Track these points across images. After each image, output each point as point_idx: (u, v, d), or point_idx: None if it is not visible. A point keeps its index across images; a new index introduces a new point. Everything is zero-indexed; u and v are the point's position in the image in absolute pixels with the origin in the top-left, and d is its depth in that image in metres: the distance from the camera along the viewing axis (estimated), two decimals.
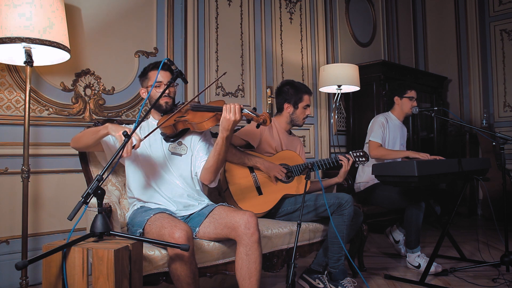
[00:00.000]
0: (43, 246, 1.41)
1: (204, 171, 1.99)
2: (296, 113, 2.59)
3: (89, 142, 1.89)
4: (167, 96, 2.01)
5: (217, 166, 1.96)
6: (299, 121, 2.61)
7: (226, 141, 1.88)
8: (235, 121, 1.83)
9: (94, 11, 2.83)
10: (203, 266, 1.86)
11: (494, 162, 4.56)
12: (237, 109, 1.83)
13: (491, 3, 5.40)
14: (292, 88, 2.59)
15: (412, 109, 3.23)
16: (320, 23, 4.36)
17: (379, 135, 3.12)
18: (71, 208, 1.49)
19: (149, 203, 1.98)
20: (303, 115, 2.60)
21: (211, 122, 1.92)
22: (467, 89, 5.54)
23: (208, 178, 2.00)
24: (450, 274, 2.72)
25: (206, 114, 1.94)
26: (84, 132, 1.95)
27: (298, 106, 2.57)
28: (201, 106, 2.02)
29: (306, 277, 2.46)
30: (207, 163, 1.97)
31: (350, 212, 2.27)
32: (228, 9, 3.63)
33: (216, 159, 1.93)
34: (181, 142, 2.06)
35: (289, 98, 2.58)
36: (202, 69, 3.41)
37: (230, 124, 1.84)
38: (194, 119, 1.94)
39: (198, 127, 1.94)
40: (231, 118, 1.82)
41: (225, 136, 1.87)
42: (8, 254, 2.45)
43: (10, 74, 2.50)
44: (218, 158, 1.92)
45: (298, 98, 2.57)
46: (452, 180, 2.98)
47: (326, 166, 2.47)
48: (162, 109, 2.03)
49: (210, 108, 1.97)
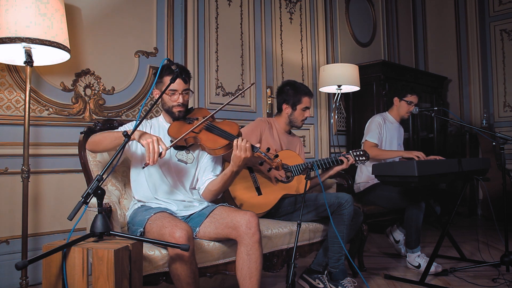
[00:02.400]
0: (43, 246, 1.41)
1: (207, 191, 2.01)
2: (294, 115, 2.57)
3: (110, 147, 1.88)
4: (180, 105, 1.99)
5: (221, 191, 2.01)
6: (297, 122, 2.59)
7: (235, 174, 1.92)
8: (245, 158, 1.84)
9: (94, 11, 2.83)
10: (203, 266, 1.86)
11: (494, 162, 4.56)
12: (248, 149, 1.83)
13: (491, 3, 5.40)
14: (292, 89, 2.56)
15: (408, 113, 3.24)
16: (320, 23, 4.36)
17: (375, 136, 3.12)
18: (71, 208, 1.49)
19: (150, 203, 1.98)
20: (302, 117, 2.58)
21: (223, 150, 1.90)
22: (467, 89, 5.54)
23: (210, 198, 2.03)
24: (450, 274, 2.72)
25: (219, 141, 1.91)
26: (104, 136, 1.90)
27: (297, 108, 2.55)
28: (215, 128, 1.97)
29: (306, 277, 2.46)
30: (212, 186, 1.98)
31: (350, 212, 2.27)
32: (228, 9, 3.63)
33: (221, 186, 1.96)
34: (189, 151, 2.06)
35: (288, 99, 2.56)
36: (202, 69, 3.41)
37: (240, 161, 1.84)
38: (207, 143, 1.91)
39: (209, 152, 1.94)
40: (242, 155, 1.83)
41: (234, 171, 1.89)
42: (8, 254, 2.45)
43: (10, 74, 2.50)
44: (224, 186, 1.97)
45: (297, 100, 2.54)
46: (452, 180, 2.98)
47: (326, 165, 2.47)
48: (174, 117, 2.03)
49: (224, 134, 1.93)
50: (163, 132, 2.03)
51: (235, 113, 3.58)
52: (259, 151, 1.87)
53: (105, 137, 1.89)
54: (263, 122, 2.56)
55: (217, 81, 3.52)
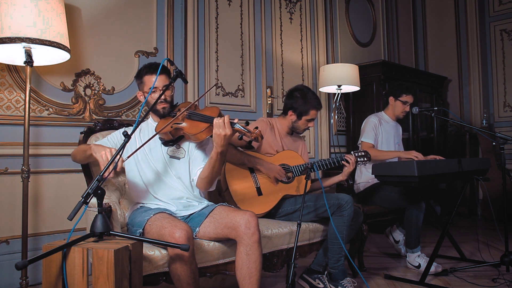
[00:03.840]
0: (43, 246, 1.41)
1: (199, 180, 1.99)
2: (298, 123, 2.55)
3: (82, 160, 1.96)
4: (164, 102, 1.99)
5: (212, 177, 1.94)
6: (299, 130, 2.59)
7: (221, 155, 1.85)
8: (226, 136, 1.78)
9: (94, 11, 2.83)
10: (203, 266, 1.86)
11: (494, 162, 4.56)
12: (226, 123, 1.78)
13: (491, 3, 5.40)
14: (302, 98, 2.50)
15: (403, 113, 3.23)
16: (320, 23, 4.37)
17: (371, 136, 3.12)
18: (71, 208, 1.49)
19: (149, 204, 1.98)
20: (305, 126, 2.56)
21: (205, 134, 1.88)
22: (467, 89, 5.54)
23: (204, 187, 2.01)
24: (450, 274, 2.72)
25: (200, 125, 1.90)
26: (77, 150, 1.97)
27: (302, 118, 2.52)
28: (195, 114, 1.96)
29: (306, 277, 2.46)
30: (202, 173, 1.96)
31: (350, 213, 2.27)
32: (228, 9, 3.63)
33: (210, 171, 1.91)
34: (179, 145, 2.06)
35: (296, 107, 2.50)
36: (202, 69, 3.41)
37: (222, 140, 1.79)
38: (190, 130, 1.91)
39: (193, 138, 1.93)
40: (222, 133, 1.77)
41: (219, 152, 1.82)
42: (8, 254, 2.45)
43: (10, 74, 2.50)
44: (213, 171, 1.91)
45: (305, 111, 2.50)
46: (452, 180, 2.97)
47: (326, 166, 2.47)
48: (159, 114, 2.02)
49: (204, 118, 1.92)
50: (152, 132, 2.00)
51: (235, 113, 3.58)
52: (237, 126, 1.83)
53: (77, 151, 1.96)
54: (265, 122, 2.55)
55: (217, 81, 3.52)
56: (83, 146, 1.91)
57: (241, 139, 1.91)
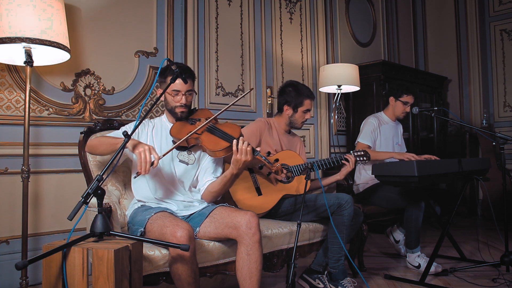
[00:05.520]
0: (43, 246, 1.41)
1: (207, 192, 2.01)
2: (295, 116, 2.56)
3: (106, 152, 1.89)
4: (183, 106, 1.99)
5: (221, 193, 2.00)
6: (297, 124, 2.59)
7: (235, 177, 1.92)
8: (246, 161, 1.84)
9: (94, 11, 2.83)
10: (203, 266, 1.86)
11: (494, 162, 4.56)
12: (248, 152, 1.83)
13: (491, 3, 5.40)
14: (294, 91, 2.54)
15: (403, 113, 3.23)
16: (320, 23, 4.36)
17: (368, 137, 3.12)
18: (71, 208, 1.49)
19: (150, 203, 1.99)
20: (302, 119, 2.57)
21: (223, 152, 1.90)
22: (467, 89, 5.54)
23: (210, 200, 2.03)
24: (450, 274, 2.72)
25: (220, 142, 1.91)
26: (101, 141, 1.90)
27: (298, 110, 2.54)
28: (217, 129, 1.97)
29: (306, 277, 2.46)
30: (212, 187, 1.98)
31: (350, 213, 2.27)
32: (228, 9, 3.63)
33: (221, 188, 1.96)
34: (191, 151, 2.05)
35: (290, 100, 2.54)
36: (202, 69, 3.41)
37: (241, 164, 1.84)
38: (208, 145, 1.91)
39: (210, 153, 1.94)
40: (242, 158, 1.83)
41: (234, 173, 1.88)
42: (8, 254, 2.45)
43: (10, 74, 2.50)
44: (224, 188, 1.97)
45: (299, 102, 2.53)
46: (452, 180, 2.97)
47: (326, 166, 2.47)
48: (177, 117, 2.03)
49: (225, 136, 1.93)
50: (165, 132, 2.04)
51: (235, 113, 3.58)
52: (260, 155, 1.88)
53: (101, 142, 1.89)
54: (263, 122, 2.55)
55: (217, 81, 3.52)
56: (110, 139, 1.85)
57: (261, 169, 1.97)
